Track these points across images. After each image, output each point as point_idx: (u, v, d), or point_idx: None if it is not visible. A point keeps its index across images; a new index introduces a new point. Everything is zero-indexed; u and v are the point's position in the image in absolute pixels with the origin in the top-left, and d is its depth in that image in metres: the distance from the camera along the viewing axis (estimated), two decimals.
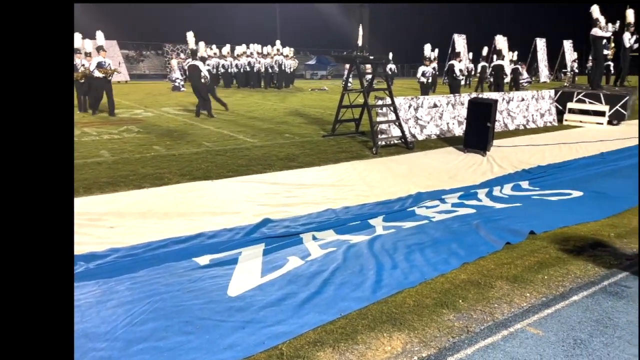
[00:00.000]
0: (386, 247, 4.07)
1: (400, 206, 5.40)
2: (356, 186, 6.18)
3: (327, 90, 25.50)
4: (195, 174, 6.49)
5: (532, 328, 2.79)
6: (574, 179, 6.58)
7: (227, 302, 3.12)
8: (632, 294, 3.19)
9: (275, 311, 3.01)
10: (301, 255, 3.95)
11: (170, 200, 5.40)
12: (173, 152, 7.92)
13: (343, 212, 5.14)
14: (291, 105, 16.70)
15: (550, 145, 8.94)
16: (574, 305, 3.06)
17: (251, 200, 5.49)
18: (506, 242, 4.17)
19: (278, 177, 6.45)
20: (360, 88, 8.64)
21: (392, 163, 7.43)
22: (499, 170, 7.14)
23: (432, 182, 6.41)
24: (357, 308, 3.04)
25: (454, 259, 3.82)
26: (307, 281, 3.44)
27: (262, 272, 3.61)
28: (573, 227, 4.56)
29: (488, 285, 3.37)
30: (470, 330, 2.80)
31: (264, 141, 9.06)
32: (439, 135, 9.53)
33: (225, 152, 7.93)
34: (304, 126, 11.19)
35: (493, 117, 8.07)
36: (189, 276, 3.55)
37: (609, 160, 7.73)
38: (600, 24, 12.05)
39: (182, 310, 3.02)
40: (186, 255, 3.94)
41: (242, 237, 4.36)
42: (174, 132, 10.04)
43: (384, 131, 8.79)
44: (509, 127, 10.72)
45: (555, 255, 3.89)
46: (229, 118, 12.67)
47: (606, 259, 3.80)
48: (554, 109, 11.72)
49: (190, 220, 4.80)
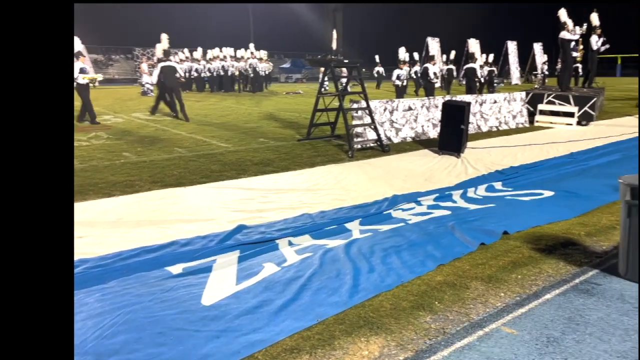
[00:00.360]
0: (363, 251, 4.05)
1: (377, 209, 5.41)
2: (332, 190, 6.17)
3: (302, 93, 25.49)
4: (168, 180, 6.38)
5: (506, 327, 2.81)
6: (545, 179, 6.71)
7: (201, 312, 3.05)
8: (602, 291, 3.25)
9: (250, 319, 2.95)
10: (277, 261, 3.90)
11: (142, 208, 5.28)
12: (144, 158, 7.76)
13: (319, 217, 5.11)
14: (266, 109, 16.62)
15: (522, 146, 9.12)
16: (547, 303, 3.10)
17: (225, 206, 5.41)
18: (480, 242, 4.21)
19: (253, 183, 6.39)
20: (335, 91, 8.64)
21: (368, 166, 7.44)
22: (473, 171, 7.23)
23: (408, 185, 6.44)
24: (334, 313, 3.01)
25: (430, 261, 3.83)
26: (283, 287, 3.39)
27: (237, 280, 3.55)
28: (545, 227, 4.64)
29: (463, 286, 3.39)
30: (446, 332, 2.80)
31: (238, 146, 8.97)
32: (414, 138, 9.61)
33: (198, 158, 7.82)
34: (279, 130, 11.14)
35: (466, 119, 8.19)
36: (161, 286, 3.46)
37: (579, 160, 7.91)
38: (568, 27, 12.38)
39: (155, 321, 2.94)
40: (158, 265, 3.85)
41: (216, 245, 4.29)
42: (145, 138, 9.86)
43: (359, 134, 8.82)
44: (482, 129, 10.89)
45: (528, 255, 3.95)
46: (202, 123, 12.52)
47: (577, 258, 3.87)
48: (525, 110, 11.97)
49: (163, 228, 4.70)
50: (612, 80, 39.62)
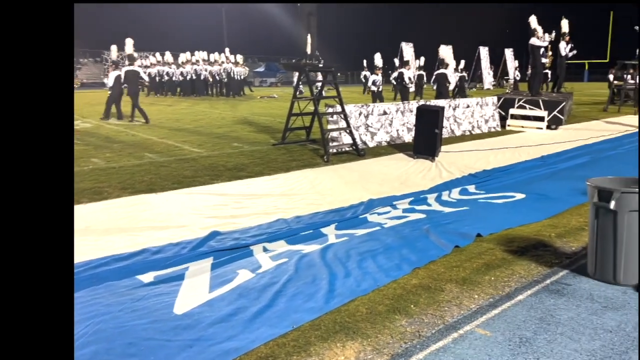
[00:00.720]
0: (339, 256, 4.04)
1: (352, 213, 5.41)
2: (308, 195, 6.14)
3: (277, 97, 25.45)
4: (138, 187, 6.23)
5: (480, 329, 2.83)
6: (517, 182, 6.84)
7: (173, 321, 2.97)
8: (572, 291, 3.31)
9: (224, 327, 2.90)
10: (252, 267, 3.85)
11: (111, 215, 5.15)
12: (113, 164, 7.59)
13: (294, 222, 5.08)
14: (240, 113, 16.50)
15: (495, 149, 9.28)
16: (519, 304, 3.14)
17: (198, 212, 5.33)
18: (455, 245, 4.25)
19: (226, 188, 6.30)
20: (311, 96, 8.64)
21: (343, 170, 7.45)
22: (447, 175, 7.31)
23: (383, 189, 6.47)
24: (310, 319, 2.98)
25: (405, 265, 3.84)
26: (258, 294, 3.34)
27: (210, 287, 3.49)
28: (517, 229, 4.72)
29: (438, 289, 3.41)
30: (421, 335, 2.81)
31: (211, 151, 8.86)
32: (389, 142, 9.68)
33: (169, 163, 7.69)
34: (253, 135, 11.07)
35: (440, 123, 8.28)
36: (131, 295, 3.37)
37: (549, 163, 8.10)
38: (538, 34, 12.69)
39: (125, 331, 2.85)
40: (129, 273, 3.75)
41: (189, 252, 4.21)
42: (114, 144, 9.65)
43: (335, 139, 8.83)
44: (455, 133, 11.05)
45: (501, 257, 4.00)
46: (174, 128, 12.34)
47: (548, 259, 3.94)
48: (497, 115, 12.21)
49: (133, 236, 4.59)
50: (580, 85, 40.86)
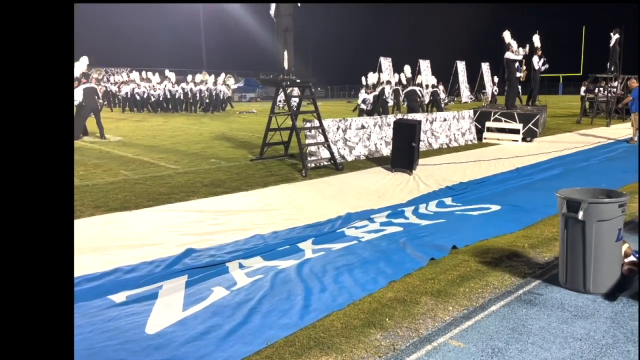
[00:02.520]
0: (315, 271, 4.02)
1: (330, 228, 5.40)
2: (285, 210, 6.13)
3: (255, 112, 25.47)
4: (112, 205, 6.13)
5: (454, 341, 2.84)
6: (492, 193, 6.94)
7: (144, 341, 2.91)
8: (544, 301, 3.36)
9: (197, 346, 2.85)
10: (227, 285, 3.81)
11: (84, 234, 5.03)
12: (86, 182, 7.46)
13: (271, 237, 5.05)
14: (218, 129, 16.45)
15: (471, 162, 9.42)
16: (492, 315, 3.16)
17: (173, 230, 5.26)
18: (430, 257, 4.27)
19: (202, 205, 6.25)
20: (288, 111, 8.67)
21: (321, 185, 7.46)
22: (425, 188, 7.38)
23: (361, 202, 6.49)
24: (284, 335, 2.95)
25: (381, 278, 3.84)
26: (233, 312, 3.30)
27: (184, 306, 3.44)
28: (492, 240, 4.78)
29: (413, 302, 3.41)
30: (396, 348, 2.80)
31: (187, 167, 8.80)
32: (368, 156, 9.76)
33: (145, 181, 7.59)
34: (231, 150, 11.04)
35: (418, 137, 8.38)
36: (102, 315, 3.29)
37: (524, 174, 8.25)
38: (512, 48, 13.02)
39: (95, 353, 2.79)
40: (100, 293, 3.67)
41: (163, 270, 4.14)
42: (88, 161, 9.50)
43: (313, 153, 8.86)
44: (433, 146, 11.20)
45: (475, 268, 4.03)
46: (150, 144, 12.22)
47: (521, 269, 3.99)
48: (473, 128, 12.42)
49: (106, 255, 4.51)
50: (555, 97, 41.92)
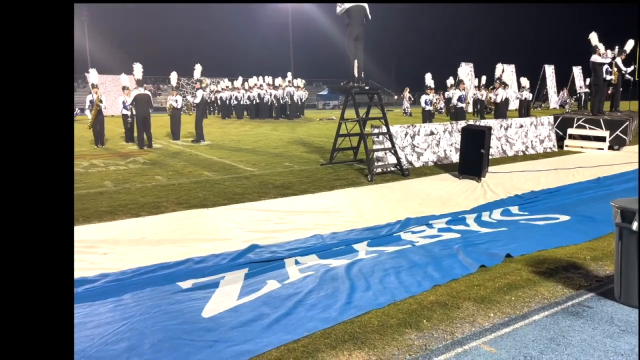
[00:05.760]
0: (363, 271, 4.19)
1: (387, 231, 5.53)
2: (347, 212, 6.33)
3: (334, 119, 25.88)
4: (192, 202, 6.72)
5: (486, 346, 2.88)
6: (564, 203, 6.64)
7: (199, 323, 3.28)
8: (592, 314, 3.26)
9: (244, 331, 3.15)
10: (280, 278, 4.10)
11: (165, 227, 5.60)
12: (173, 181, 8.20)
13: (329, 238, 5.29)
14: (297, 135, 17.05)
15: (547, 170, 8.99)
16: (532, 324, 3.14)
17: (242, 226, 5.67)
18: (481, 265, 4.26)
19: (271, 205, 6.63)
20: (356, 117, 8.88)
21: (385, 189, 7.57)
22: (492, 195, 7.23)
23: (423, 208, 6.52)
24: (323, 328, 3.16)
25: (426, 281, 3.93)
26: (281, 303, 3.58)
27: (239, 295, 3.77)
28: (551, 250, 4.63)
29: (454, 306, 3.47)
30: (427, 348, 2.90)
31: (263, 170, 9.31)
32: (436, 162, 9.67)
33: (224, 181, 8.18)
34: (305, 155, 11.45)
35: (487, 143, 8.21)
36: (169, 299, 3.72)
37: (604, 185, 7.76)
38: (600, 51, 12.22)
39: (157, 330, 3.18)
40: (171, 280, 4.13)
41: (228, 262, 4.53)
42: (178, 163, 10.37)
43: (380, 159, 8.98)
44: (507, 154, 10.81)
45: (526, 277, 3.97)
46: (234, 148, 13.02)
47: (576, 281, 3.87)
48: (553, 135, 11.79)
49: (181, 246, 5.00)
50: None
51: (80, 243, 5.00)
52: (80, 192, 7.29)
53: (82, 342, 3.01)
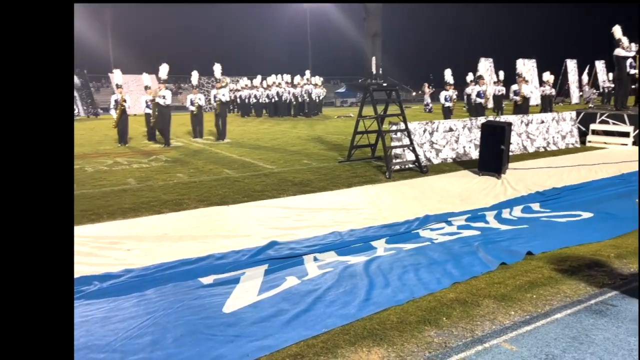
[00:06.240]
0: (382, 268, 4.20)
1: (406, 228, 5.52)
2: (365, 209, 6.34)
3: (352, 117, 25.84)
4: (213, 199, 6.81)
5: (506, 344, 2.87)
6: (587, 200, 6.52)
7: (220, 318, 3.33)
8: (616, 312, 3.21)
9: (264, 326, 3.20)
10: (299, 275, 4.13)
11: (186, 224, 5.70)
12: (194, 179, 8.31)
13: (348, 235, 5.30)
14: (315, 132, 17.09)
15: (569, 167, 8.85)
16: (555, 322, 3.11)
17: (262, 223, 5.73)
18: (501, 262, 4.23)
19: (290, 202, 6.68)
20: (374, 114, 8.87)
21: (403, 187, 7.55)
22: (512, 192, 7.14)
23: (442, 205, 6.49)
24: (342, 324, 3.19)
25: (446, 279, 3.92)
26: (300, 299, 3.61)
27: (259, 291, 3.82)
28: (573, 248, 4.57)
29: (474, 304, 3.46)
30: (447, 346, 2.90)
31: (282, 167, 9.37)
32: (455, 159, 9.60)
33: (243, 179, 8.26)
34: (323, 152, 11.48)
35: (507, 139, 8.11)
36: (191, 294, 3.79)
37: (628, 181, 7.59)
38: (623, 44, 11.94)
39: (180, 325, 3.25)
40: (192, 276, 4.20)
41: (248, 259, 4.58)
42: (199, 160, 10.51)
43: (398, 156, 8.95)
44: (528, 150, 10.66)
45: (548, 275, 3.93)
46: (253, 146, 13.12)
47: (600, 279, 3.81)
48: (576, 130, 11.58)
49: (202, 243, 5.08)
50: None
51: (105, 239, 5.13)
52: (105, 190, 7.46)
53: (107, 336, 3.09)
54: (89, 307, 3.56)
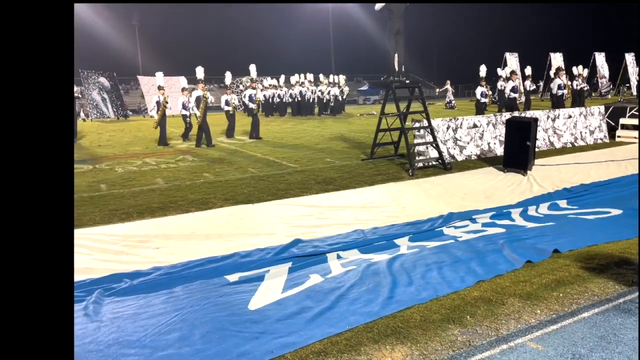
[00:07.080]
0: (405, 266, 4.21)
1: (430, 226, 5.50)
2: (388, 207, 6.34)
3: (375, 114, 25.75)
4: (238, 198, 6.92)
5: (532, 343, 2.85)
6: (616, 197, 6.38)
7: (246, 315, 3.40)
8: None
9: (288, 324, 3.25)
10: (323, 272, 4.18)
11: (213, 223, 5.81)
12: (220, 178, 8.44)
13: (371, 233, 5.32)
14: (338, 130, 17.10)
15: (598, 162, 8.64)
16: (582, 321, 3.07)
17: (286, 221, 5.80)
18: (527, 260, 4.18)
19: (314, 200, 6.73)
20: (397, 112, 8.83)
21: (427, 184, 7.51)
22: (539, 189, 7.03)
23: (466, 203, 6.44)
24: (365, 322, 3.22)
25: (470, 277, 3.90)
26: (324, 297, 3.66)
27: (283, 289, 3.88)
28: (602, 246, 4.49)
29: (499, 302, 3.44)
30: (471, 345, 2.90)
31: (305, 166, 9.43)
32: (479, 156, 9.48)
33: (267, 178, 8.35)
34: (346, 150, 11.49)
35: (533, 135, 7.98)
36: (217, 292, 3.88)
37: None
38: None
39: (206, 321, 3.34)
40: (219, 273, 4.29)
41: (272, 257, 4.65)
42: (224, 160, 10.66)
43: (421, 153, 8.89)
44: (555, 146, 10.45)
45: (575, 273, 3.87)
46: (277, 145, 13.23)
47: (629, 277, 3.74)
48: (604, 125, 11.29)
49: (228, 241, 5.17)
50: None
51: (135, 238, 5.28)
52: (134, 190, 7.65)
53: (137, 332, 3.19)
54: (119, 304, 3.68)
